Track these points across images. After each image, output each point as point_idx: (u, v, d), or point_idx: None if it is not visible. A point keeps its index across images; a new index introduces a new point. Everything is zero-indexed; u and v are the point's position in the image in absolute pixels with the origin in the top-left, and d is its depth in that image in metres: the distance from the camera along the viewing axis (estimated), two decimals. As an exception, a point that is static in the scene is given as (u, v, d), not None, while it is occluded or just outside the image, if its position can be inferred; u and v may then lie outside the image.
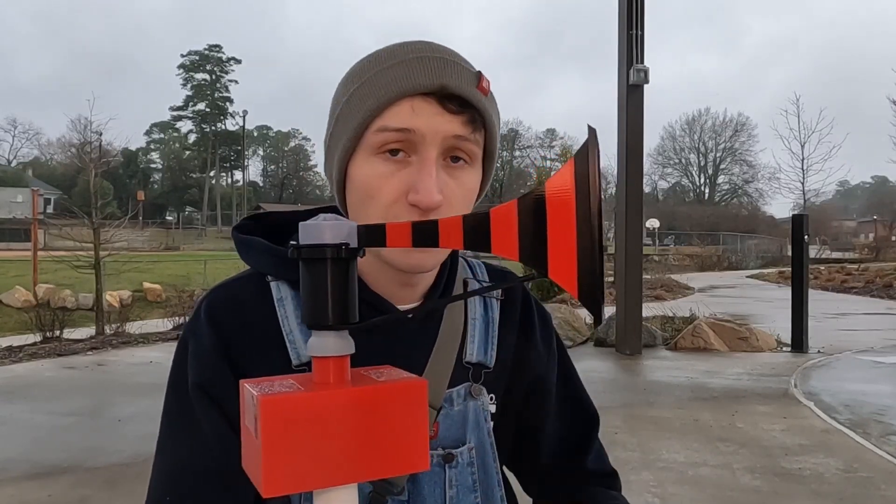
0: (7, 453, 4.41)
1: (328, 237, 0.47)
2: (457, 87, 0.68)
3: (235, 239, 0.79)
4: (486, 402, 0.78)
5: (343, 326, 0.48)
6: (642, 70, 8.04)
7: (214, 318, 0.74)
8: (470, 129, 0.69)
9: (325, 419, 0.44)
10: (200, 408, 0.71)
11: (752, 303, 15.36)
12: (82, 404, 5.82)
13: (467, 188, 0.71)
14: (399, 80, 0.67)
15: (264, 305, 0.74)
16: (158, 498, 0.72)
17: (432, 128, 0.67)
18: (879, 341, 9.25)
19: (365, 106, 0.68)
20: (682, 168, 65.09)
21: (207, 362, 0.72)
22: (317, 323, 0.47)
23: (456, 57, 0.71)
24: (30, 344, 8.71)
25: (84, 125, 14.20)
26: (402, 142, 0.68)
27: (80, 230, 10.83)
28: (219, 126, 66.39)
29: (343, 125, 0.71)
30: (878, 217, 49.88)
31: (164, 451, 0.73)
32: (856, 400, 5.82)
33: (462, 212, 0.71)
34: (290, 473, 0.43)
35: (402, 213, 0.68)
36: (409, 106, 0.67)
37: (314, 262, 0.47)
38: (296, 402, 0.44)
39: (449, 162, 0.70)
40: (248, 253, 0.77)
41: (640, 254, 8.56)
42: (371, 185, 0.69)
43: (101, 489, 3.78)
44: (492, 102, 0.73)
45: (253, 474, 0.45)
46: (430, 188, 0.66)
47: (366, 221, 0.69)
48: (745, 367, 7.36)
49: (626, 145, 8.18)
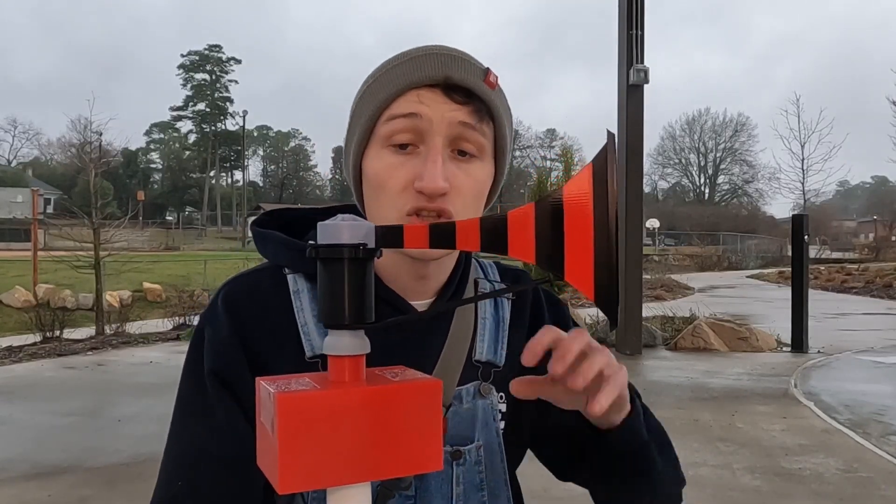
0: (7, 453, 4.41)
1: (346, 237, 0.47)
2: (461, 79, 0.70)
3: (254, 232, 0.81)
4: (495, 402, 0.78)
5: (359, 326, 0.48)
6: (642, 70, 8.04)
7: (232, 306, 0.75)
8: (476, 118, 0.71)
9: (340, 417, 0.45)
10: (215, 394, 0.72)
11: (752, 303, 15.37)
12: (82, 404, 5.82)
13: (476, 179, 0.72)
14: (406, 74, 0.71)
15: (280, 297, 0.76)
16: (169, 482, 0.72)
17: (438, 114, 0.69)
18: (879, 341, 9.25)
19: (375, 99, 0.72)
20: (682, 168, 65.15)
21: (223, 350, 0.73)
22: (333, 322, 0.48)
23: (463, 54, 0.73)
24: (30, 344, 8.71)
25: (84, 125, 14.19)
26: (409, 131, 0.70)
27: (80, 230, 10.83)
28: (219, 126, 66.41)
29: (356, 121, 0.74)
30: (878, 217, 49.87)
31: (176, 436, 0.74)
32: (856, 400, 5.82)
33: (472, 203, 0.73)
34: (306, 471, 0.44)
35: (411, 200, 0.70)
36: (416, 95, 0.70)
37: (332, 261, 0.48)
38: (313, 400, 0.44)
39: (457, 155, 0.71)
40: (266, 246, 0.79)
41: (640, 254, 8.56)
42: (381, 177, 0.71)
43: (101, 489, 3.78)
44: (500, 97, 0.75)
45: (269, 471, 0.45)
46: (435, 174, 0.68)
47: (378, 213, 0.73)
48: (745, 368, 7.36)
49: (626, 145, 8.18)
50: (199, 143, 66.30)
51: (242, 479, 0.70)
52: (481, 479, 0.76)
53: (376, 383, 0.47)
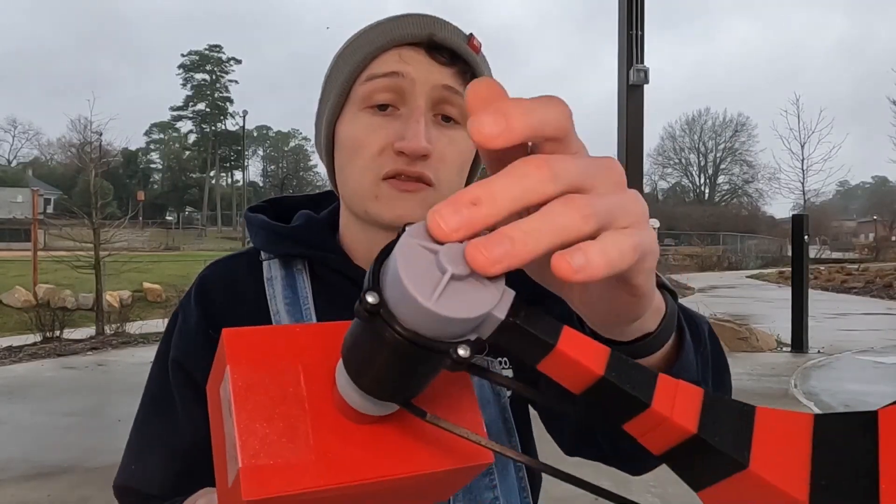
0: (7, 453, 4.41)
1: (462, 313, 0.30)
2: (446, 39, 0.66)
3: (245, 217, 0.80)
4: (496, 371, 0.74)
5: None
6: (642, 70, 8.05)
7: (204, 294, 0.75)
8: (460, 81, 0.67)
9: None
10: (175, 382, 0.72)
11: (752, 303, 15.36)
12: (82, 404, 5.82)
13: (459, 148, 0.68)
14: (387, 32, 0.67)
15: (256, 283, 0.75)
16: (126, 466, 0.74)
17: (421, 75, 0.65)
18: (879, 341, 9.24)
19: (352, 60, 0.68)
20: (682, 168, 65.13)
21: (189, 340, 0.72)
22: (378, 394, 0.34)
23: (446, 20, 0.70)
24: (30, 344, 8.71)
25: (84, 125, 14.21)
26: (389, 91, 0.66)
27: (80, 230, 10.83)
28: (219, 126, 66.43)
29: (331, 85, 0.70)
30: (878, 217, 49.91)
31: (137, 422, 0.75)
32: (856, 400, 5.82)
33: (455, 173, 0.68)
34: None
35: (388, 163, 0.65)
36: (397, 54, 0.66)
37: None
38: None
39: (440, 120, 0.67)
40: (250, 229, 0.79)
41: (640, 254, 8.56)
42: (357, 139, 0.67)
43: (101, 489, 3.78)
44: (485, 63, 0.71)
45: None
46: (417, 133, 0.63)
47: (351, 179, 0.68)
48: (746, 368, 7.36)
49: (626, 145, 8.19)
50: (199, 143, 66.31)
51: (192, 468, 0.69)
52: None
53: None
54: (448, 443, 0.37)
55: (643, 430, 0.31)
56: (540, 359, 0.32)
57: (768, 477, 0.26)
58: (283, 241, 0.74)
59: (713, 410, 0.30)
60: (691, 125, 63.95)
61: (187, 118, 67.25)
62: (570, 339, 0.31)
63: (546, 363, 0.32)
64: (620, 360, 0.31)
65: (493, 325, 0.31)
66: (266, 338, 0.37)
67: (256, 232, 0.77)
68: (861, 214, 66.91)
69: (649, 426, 0.31)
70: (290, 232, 0.75)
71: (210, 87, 66.16)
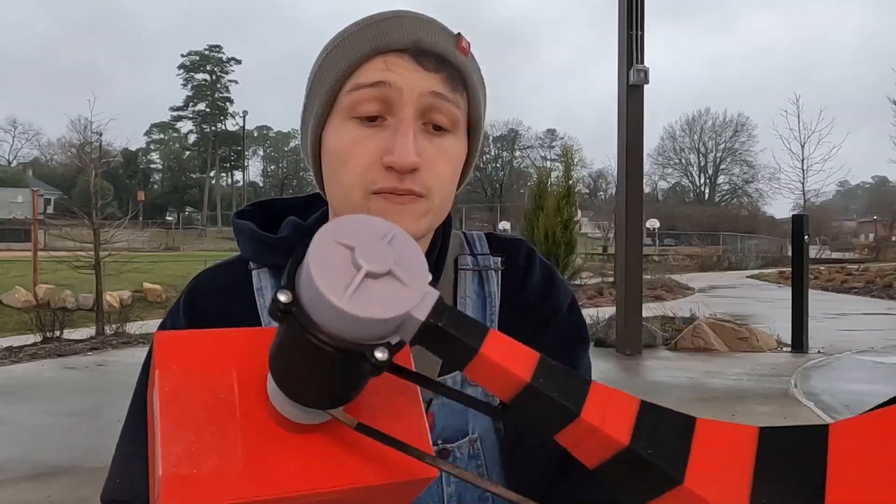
0: (7, 453, 4.41)
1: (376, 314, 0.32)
2: (432, 44, 0.64)
3: (232, 223, 0.78)
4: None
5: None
6: (642, 70, 8.05)
7: (192, 304, 0.74)
8: (449, 87, 0.65)
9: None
10: None
11: (752, 303, 15.35)
12: (82, 404, 5.81)
13: (449, 154, 0.67)
14: (371, 38, 0.64)
15: (245, 292, 0.73)
16: (111, 478, 0.73)
17: (409, 83, 0.63)
18: (879, 341, 9.24)
19: (337, 67, 0.65)
20: (682, 168, 65.09)
21: None
22: (303, 401, 0.34)
23: (433, 19, 0.67)
24: (30, 344, 8.70)
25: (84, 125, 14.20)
26: (376, 101, 0.64)
27: (80, 230, 10.82)
28: (219, 126, 66.42)
29: (315, 92, 0.68)
30: (878, 217, 49.92)
31: (123, 432, 0.74)
32: (856, 400, 5.82)
33: (446, 182, 0.67)
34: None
35: (379, 179, 0.64)
36: (383, 62, 0.64)
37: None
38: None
39: (429, 129, 0.66)
40: (238, 237, 0.77)
41: (640, 254, 8.57)
42: (345, 151, 0.65)
43: (101, 489, 3.78)
44: (474, 65, 0.69)
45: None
46: (406, 147, 0.62)
47: (340, 190, 0.66)
48: (746, 368, 7.36)
49: (626, 145, 8.19)
50: (199, 143, 66.29)
51: None
52: (480, 474, 0.69)
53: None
54: (388, 455, 0.35)
55: (574, 441, 0.30)
56: (465, 363, 0.31)
57: (704, 494, 0.26)
58: (270, 252, 0.73)
59: (649, 422, 0.29)
60: (691, 125, 63.95)
61: (187, 118, 67.26)
62: (496, 344, 0.30)
63: (471, 368, 0.31)
64: (550, 366, 0.30)
65: (414, 327, 0.30)
66: (201, 342, 0.36)
67: (245, 241, 0.76)
68: (861, 214, 66.89)
69: (580, 437, 0.30)
70: (278, 242, 0.73)
71: (210, 87, 66.13)
